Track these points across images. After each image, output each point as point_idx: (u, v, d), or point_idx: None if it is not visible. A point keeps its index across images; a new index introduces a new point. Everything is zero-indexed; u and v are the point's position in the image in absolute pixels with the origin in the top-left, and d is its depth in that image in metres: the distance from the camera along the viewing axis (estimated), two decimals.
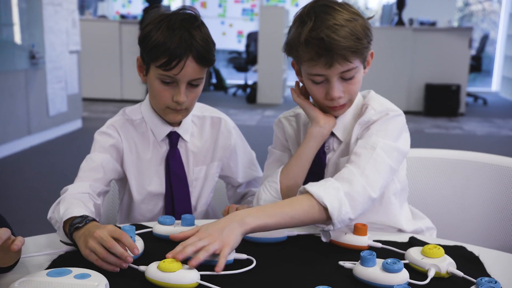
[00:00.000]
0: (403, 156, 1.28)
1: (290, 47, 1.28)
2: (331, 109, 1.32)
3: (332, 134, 1.35)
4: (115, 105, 7.28)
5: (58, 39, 5.51)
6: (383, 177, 1.21)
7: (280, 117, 1.47)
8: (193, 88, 1.35)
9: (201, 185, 1.50)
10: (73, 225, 1.10)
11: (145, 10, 7.64)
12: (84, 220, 1.10)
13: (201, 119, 1.50)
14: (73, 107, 5.88)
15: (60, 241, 1.15)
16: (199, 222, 1.28)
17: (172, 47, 1.28)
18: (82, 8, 9.70)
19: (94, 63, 7.51)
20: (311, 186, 1.17)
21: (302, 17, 1.26)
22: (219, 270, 0.99)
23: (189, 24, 1.31)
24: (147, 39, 1.32)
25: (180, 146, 1.46)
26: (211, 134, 1.50)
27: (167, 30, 1.29)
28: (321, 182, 1.19)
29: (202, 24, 1.35)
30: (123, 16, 8.78)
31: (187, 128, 1.46)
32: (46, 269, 0.98)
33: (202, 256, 1.00)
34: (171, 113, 1.38)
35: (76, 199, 1.22)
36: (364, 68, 1.31)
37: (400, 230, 1.35)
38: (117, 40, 7.52)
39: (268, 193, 1.32)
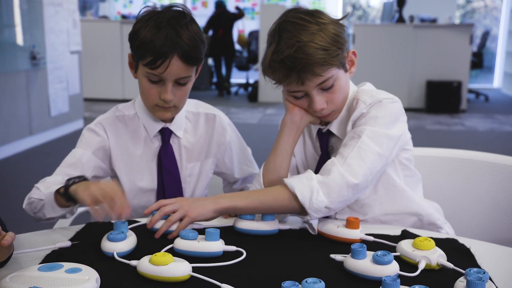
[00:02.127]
0: (395, 142, 1.25)
1: (262, 69, 1.29)
2: (319, 118, 1.32)
3: (331, 133, 1.35)
4: None
5: (59, 39, 5.53)
6: (368, 164, 1.20)
7: None
8: (180, 86, 1.35)
9: (195, 181, 1.50)
10: (69, 180, 1.19)
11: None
12: (80, 179, 1.20)
13: (196, 116, 1.50)
14: (74, 107, 5.91)
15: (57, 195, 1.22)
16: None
17: (157, 46, 1.28)
18: (83, 8, 9.73)
19: (96, 63, 7.54)
20: (288, 178, 1.22)
21: (270, 36, 1.26)
22: (171, 236, 1.15)
23: (176, 22, 1.31)
24: (135, 36, 1.32)
25: (173, 142, 1.46)
26: (205, 130, 1.51)
27: (154, 28, 1.29)
28: (301, 174, 1.23)
29: (191, 21, 1.34)
30: (124, 16, 8.81)
31: (180, 124, 1.46)
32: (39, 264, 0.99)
33: (164, 228, 1.16)
34: (159, 111, 1.38)
35: (50, 182, 1.30)
36: (346, 71, 1.29)
37: (419, 216, 1.33)
38: (119, 40, 7.54)
39: (254, 188, 1.34)
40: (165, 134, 1.44)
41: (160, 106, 1.37)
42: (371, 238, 1.17)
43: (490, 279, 0.96)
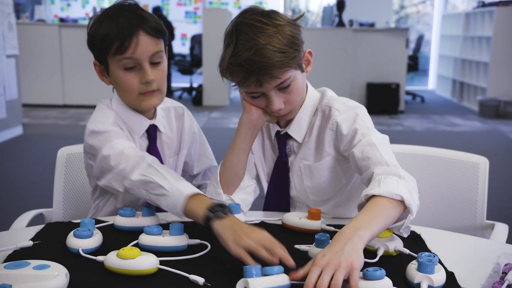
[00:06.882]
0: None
1: (220, 71, 1.28)
2: (276, 117, 1.35)
3: (289, 136, 1.38)
4: (57, 111, 7.10)
5: None
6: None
7: None
8: (157, 66, 1.35)
9: None
10: (214, 211, 1.07)
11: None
12: (227, 210, 1.09)
13: (166, 111, 1.52)
14: (12, 113, 5.68)
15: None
16: (164, 215, 1.29)
17: (120, 28, 1.28)
18: (17, 12, 9.37)
19: (34, 68, 7.29)
20: (373, 190, 1.10)
21: (227, 38, 1.26)
22: None
23: (129, 7, 1.33)
24: (94, 37, 1.32)
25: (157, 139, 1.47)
26: (177, 123, 1.53)
27: (109, 19, 1.30)
28: (374, 183, 1.13)
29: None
30: (62, 20, 8.57)
31: (161, 120, 1.47)
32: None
33: None
34: (145, 99, 1.36)
35: (171, 172, 1.21)
36: (303, 71, 1.31)
37: None
38: (57, 44, 7.33)
39: (211, 184, 1.37)
40: (151, 132, 1.44)
41: (144, 94, 1.35)
42: (332, 229, 1.21)
43: (440, 262, 1.03)
